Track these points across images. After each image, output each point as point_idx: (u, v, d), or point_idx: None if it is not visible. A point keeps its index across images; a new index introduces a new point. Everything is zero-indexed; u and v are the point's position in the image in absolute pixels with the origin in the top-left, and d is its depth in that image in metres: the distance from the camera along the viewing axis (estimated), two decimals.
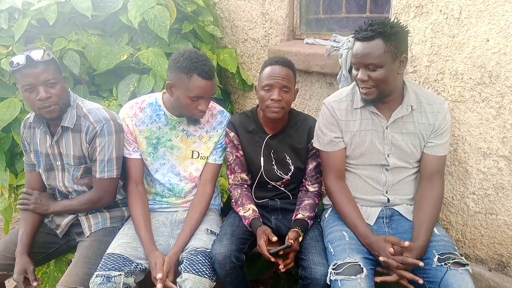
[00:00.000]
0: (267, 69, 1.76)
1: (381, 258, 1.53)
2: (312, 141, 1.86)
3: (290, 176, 1.91)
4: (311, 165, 1.91)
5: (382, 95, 1.61)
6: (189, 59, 1.70)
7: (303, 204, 1.87)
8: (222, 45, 2.97)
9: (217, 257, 1.66)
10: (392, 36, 1.50)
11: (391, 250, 1.52)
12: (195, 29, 2.50)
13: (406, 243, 1.53)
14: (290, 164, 1.89)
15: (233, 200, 1.94)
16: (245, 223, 1.81)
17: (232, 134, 1.90)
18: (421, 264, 1.50)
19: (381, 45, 1.50)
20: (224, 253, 1.66)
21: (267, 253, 1.65)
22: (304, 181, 1.94)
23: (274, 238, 1.67)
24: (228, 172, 1.97)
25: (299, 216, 1.81)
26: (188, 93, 1.72)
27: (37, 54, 1.62)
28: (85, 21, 2.28)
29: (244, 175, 1.95)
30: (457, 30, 1.72)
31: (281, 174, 1.91)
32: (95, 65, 2.25)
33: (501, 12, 1.59)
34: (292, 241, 1.65)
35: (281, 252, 1.68)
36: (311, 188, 1.92)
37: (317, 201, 1.90)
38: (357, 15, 2.37)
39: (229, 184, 1.99)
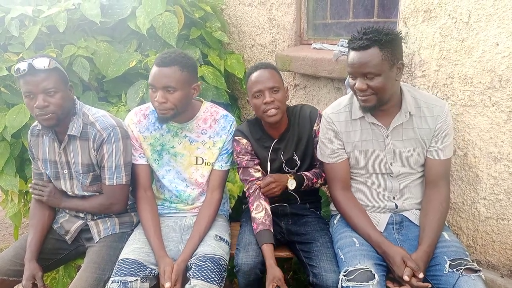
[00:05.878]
0: (252, 77, 1.79)
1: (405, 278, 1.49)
2: (314, 128, 1.88)
3: (296, 170, 1.92)
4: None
5: (381, 102, 1.60)
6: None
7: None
8: (229, 50, 2.98)
9: (242, 267, 1.65)
10: (387, 44, 1.51)
11: (407, 278, 1.46)
12: (202, 35, 2.52)
13: (421, 276, 1.48)
14: (297, 160, 1.91)
15: (251, 191, 1.86)
16: (253, 227, 1.78)
17: (244, 141, 1.90)
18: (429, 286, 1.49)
19: (377, 53, 1.50)
20: (250, 264, 1.65)
21: None
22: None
23: None
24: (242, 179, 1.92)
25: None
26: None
27: (40, 62, 1.62)
28: (94, 28, 2.29)
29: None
30: (466, 34, 1.71)
31: (289, 170, 1.92)
32: (104, 71, 2.27)
33: (510, 16, 1.58)
34: None
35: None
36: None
37: (323, 174, 1.91)
38: (365, 20, 2.36)
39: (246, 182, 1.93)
